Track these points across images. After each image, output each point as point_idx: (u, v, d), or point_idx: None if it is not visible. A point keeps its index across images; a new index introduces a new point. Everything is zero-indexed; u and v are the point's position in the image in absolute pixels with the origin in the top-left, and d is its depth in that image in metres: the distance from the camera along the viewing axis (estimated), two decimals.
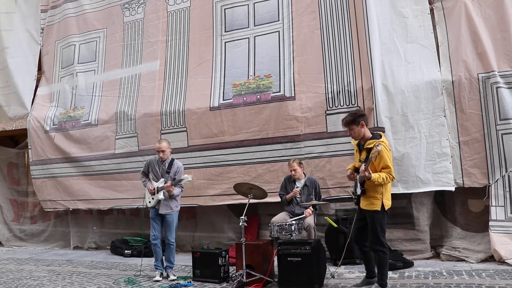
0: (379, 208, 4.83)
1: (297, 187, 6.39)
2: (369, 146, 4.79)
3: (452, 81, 6.53)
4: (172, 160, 6.51)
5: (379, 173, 4.74)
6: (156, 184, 6.37)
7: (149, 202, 6.43)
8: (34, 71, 10.50)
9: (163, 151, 6.37)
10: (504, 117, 6.26)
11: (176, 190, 6.32)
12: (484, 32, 6.56)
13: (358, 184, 4.90)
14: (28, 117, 10.05)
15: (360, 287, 5.08)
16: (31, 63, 10.53)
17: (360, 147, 5.00)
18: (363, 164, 4.71)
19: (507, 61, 6.38)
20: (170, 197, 6.32)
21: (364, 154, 4.88)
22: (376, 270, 5.04)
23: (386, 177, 4.73)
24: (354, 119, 4.93)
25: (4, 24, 10.73)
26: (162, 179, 6.35)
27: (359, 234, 5.11)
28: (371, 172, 4.65)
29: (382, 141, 4.76)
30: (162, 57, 8.82)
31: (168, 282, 6.02)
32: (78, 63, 9.90)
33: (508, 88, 6.30)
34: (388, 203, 4.87)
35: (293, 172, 6.39)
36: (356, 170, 4.99)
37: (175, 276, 6.28)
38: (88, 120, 9.32)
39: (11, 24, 10.72)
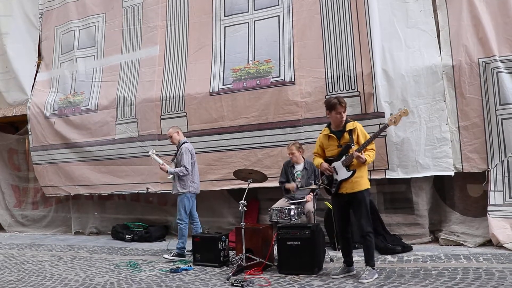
0: (368, 186, 4.96)
1: (297, 172, 6.42)
2: (351, 128, 4.90)
3: (453, 66, 6.51)
4: (183, 143, 6.76)
5: (367, 153, 4.81)
6: None
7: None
8: (34, 57, 10.49)
9: (170, 137, 6.81)
10: (504, 102, 6.24)
11: (171, 169, 6.64)
12: (485, 16, 6.51)
13: (342, 170, 4.90)
14: (28, 103, 10.06)
15: (339, 275, 5.04)
16: (31, 48, 10.51)
17: (337, 133, 4.98)
18: (353, 148, 4.78)
19: (508, 45, 6.34)
20: (178, 178, 6.59)
21: (346, 138, 4.90)
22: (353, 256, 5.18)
23: (373, 155, 4.89)
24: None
25: (2, 9, 10.68)
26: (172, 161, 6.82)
27: (344, 223, 5.10)
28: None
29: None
30: (162, 42, 8.79)
31: (170, 266, 6.07)
32: (77, 49, 9.88)
33: (508, 73, 6.26)
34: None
35: (290, 156, 6.40)
36: (326, 161, 5.06)
37: (168, 257, 6.49)
38: (88, 105, 9.32)
39: (9, 9, 10.66)
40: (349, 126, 4.94)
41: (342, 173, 4.91)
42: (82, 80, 9.65)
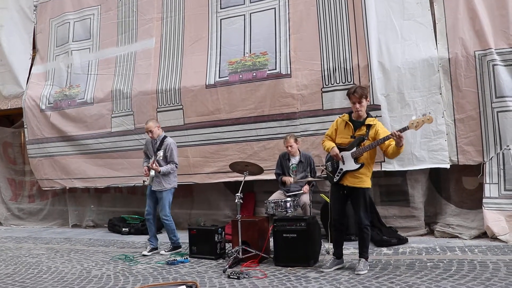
0: (370, 186, 4.96)
1: (292, 165, 6.42)
2: (370, 122, 4.85)
3: (449, 59, 6.51)
4: (164, 137, 6.61)
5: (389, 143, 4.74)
6: (149, 163, 6.55)
7: (146, 180, 6.55)
8: (29, 50, 10.44)
9: (150, 131, 6.53)
10: (500, 95, 6.24)
11: (163, 168, 6.41)
12: (482, 9, 6.50)
13: (350, 161, 4.87)
14: (23, 96, 10.02)
15: (331, 268, 5.04)
16: (26, 41, 10.46)
17: (355, 124, 4.93)
18: (365, 143, 4.77)
19: (504, 38, 6.33)
20: (162, 174, 6.43)
21: (363, 130, 4.85)
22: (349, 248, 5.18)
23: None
24: (367, 93, 4.91)
25: None
26: (154, 157, 6.48)
27: (341, 215, 5.09)
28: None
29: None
30: (158, 34, 8.75)
31: (166, 258, 6.08)
32: (73, 41, 9.82)
33: (504, 65, 6.26)
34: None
35: (289, 148, 6.38)
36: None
37: (165, 253, 6.44)
38: (83, 98, 9.29)
39: (3, 1, 10.60)
40: (369, 121, 4.88)
41: (350, 164, 4.88)
42: (78, 73, 9.60)
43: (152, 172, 6.39)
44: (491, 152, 6.31)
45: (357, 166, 4.84)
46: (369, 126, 4.85)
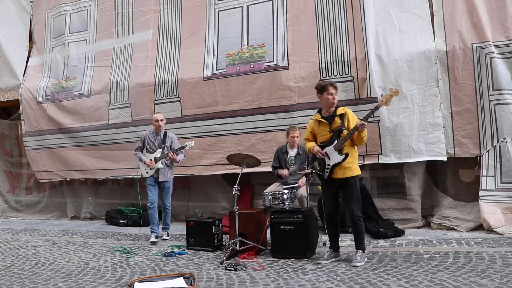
0: (359, 172, 5.01)
1: (290, 157, 6.42)
2: (341, 112, 4.95)
3: (446, 51, 6.50)
4: (166, 131, 6.89)
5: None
6: (153, 156, 6.79)
7: (147, 172, 6.85)
8: (25, 41, 10.38)
9: (162, 120, 6.82)
10: (497, 88, 6.24)
11: (180, 157, 6.80)
12: (480, 1, 6.49)
13: (335, 154, 4.91)
14: (20, 88, 9.97)
15: (327, 260, 5.05)
16: (22, 33, 10.39)
17: (328, 119, 5.00)
18: (344, 133, 4.86)
19: (502, 31, 6.32)
20: (167, 165, 6.81)
21: (337, 122, 4.93)
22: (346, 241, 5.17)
23: (366, 135, 4.96)
24: None
25: None
26: (160, 150, 6.78)
27: (334, 208, 5.13)
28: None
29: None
30: (155, 26, 8.71)
31: (163, 250, 6.09)
32: (69, 33, 9.77)
33: (502, 58, 6.26)
34: None
35: (294, 139, 6.36)
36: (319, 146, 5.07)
37: (168, 236, 6.89)
38: (80, 90, 9.25)
39: None
40: (340, 110, 4.97)
41: (335, 158, 4.93)
42: (75, 65, 9.56)
43: (159, 164, 6.70)
44: (488, 144, 6.32)
45: (343, 157, 4.90)
46: (341, 116, 4.94)
